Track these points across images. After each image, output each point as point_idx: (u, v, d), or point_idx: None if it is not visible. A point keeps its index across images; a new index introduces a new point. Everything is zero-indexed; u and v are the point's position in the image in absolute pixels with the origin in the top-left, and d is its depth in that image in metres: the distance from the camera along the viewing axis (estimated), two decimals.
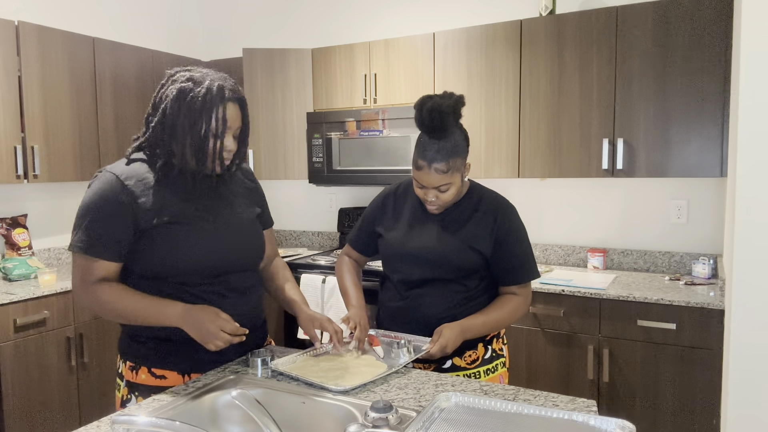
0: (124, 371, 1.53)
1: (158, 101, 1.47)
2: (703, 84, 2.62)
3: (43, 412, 2.74)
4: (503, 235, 1.70)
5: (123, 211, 1.42)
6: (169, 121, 1.43)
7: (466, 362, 1.73)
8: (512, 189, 3.43)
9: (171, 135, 1.44)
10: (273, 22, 4.16)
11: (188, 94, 1.42)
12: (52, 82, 3.04)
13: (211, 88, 1.42)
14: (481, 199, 1.75)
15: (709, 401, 2.45)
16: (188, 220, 1.48)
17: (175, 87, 1.43)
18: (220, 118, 1.43)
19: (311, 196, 4.15)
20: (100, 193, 1.43)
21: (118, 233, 1.43)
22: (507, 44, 3.03)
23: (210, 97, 1.42)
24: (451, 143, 1.60)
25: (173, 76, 1.48)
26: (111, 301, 1.43)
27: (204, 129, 1.42)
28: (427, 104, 1.58)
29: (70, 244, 1.45)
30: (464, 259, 1.69)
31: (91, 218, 1.42)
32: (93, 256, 1.42)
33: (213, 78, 1.45)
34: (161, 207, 1.45)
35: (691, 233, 3.02)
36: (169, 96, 1.43)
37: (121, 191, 1.43)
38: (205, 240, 1.49)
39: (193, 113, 1.41)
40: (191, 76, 1.45)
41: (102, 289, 1.43)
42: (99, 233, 1.42)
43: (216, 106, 1.42)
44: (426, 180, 1.63)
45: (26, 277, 3.01)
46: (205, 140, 1.43)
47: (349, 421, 1.24)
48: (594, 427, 1.15)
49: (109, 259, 1.44)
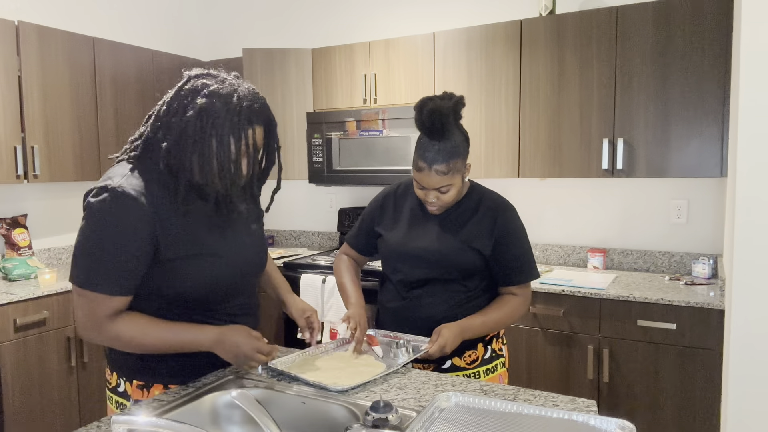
0: (130, 391, 1.43)
1: (173, 110, 1.30)
2: (703, 84, 2.62)
3: (43, 412, 2.74)
4: (503, 236, 1.70)
5: (140, 240, 1.26)
6: (190, 139, 1.27)
7: (466, 362, 1.73)
8: (512, 189, 3.43)
9: (191, 152, 1.28)
10: (273, 22, 4.16)
11: (213, 113, 1.26)
12: (52, 82, 3.04)
13: (240, 106, 1.28)
14: (481, 199, 1.75)
15: (709, 401, 2.45)
16: (214, 251, 1.37)
17: (199, 102, 1.26)
18: (250, 145, 1.30)
19: (311, 196, 4.15)
20: (112, 220, 1.24)
21: (134, 266, 1.27)
22: (507, 44, 3.03)
23: (237, 120, 1.27)
24: (452, 144, 1.60)
25: (194, 83, 1.30)
26: (137, 337, 1.30)
27: (229, 153, 1.28)
28: (428, 106, 1.58)
29: (74, 276, 1.27)
30: (464, 259, 1.69)
31: (101, 250, 1.24)
32: (104, 293, 1.25)
33: (241, 95, 1.29)
34: (182, 232, 1.32)
35: (691, 233, 3.02)
36: (190, 111, 1.27)
37: (139, 217, 1.25)
38: (226, 268, 1.40)
39: (218, 135, 1.26)
40: (217, 90, 1.28)
41: (121, 327, 1.29)
42: (111, 264, 1.25)
43: (245, 130, 1.29)
44: (426, 181, 1.62)
45: (26, 277, 3.01)
46: (229, 164, 1.29)
47: (349, 421, 1.24)
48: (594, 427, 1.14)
49: (121, 295, 1.28)
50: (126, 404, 1.45)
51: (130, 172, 1.31)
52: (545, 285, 2.76)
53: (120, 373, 1.45)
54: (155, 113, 1.35)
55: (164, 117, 1.31)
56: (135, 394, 1.43)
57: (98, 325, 1.28)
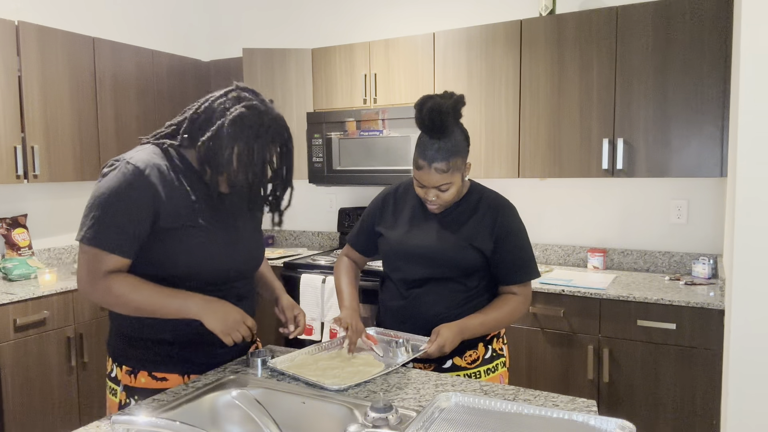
0: (119, 375, 1.50)
1: (211, 107, 1.43)
2: (703, 84, 2.62)
3: (43, 412, 2.74)
4: (503, 235, 1.70)
5: (143, 205, 1.38)
6: (224, 138, 1.39)
7: (467, 362, 1.73)
8: (512, 189, 3.43)
9: (225, 147, 1.40)
10: (273, 22, 4.16)
11: (247, 123, 1.39)
12: (52, 82, 3.04)
13: (272, 126, 1.42)
14: (481, 198, 1.75)
15: (709, 401, 2.45)
16: (210, 226, 1.46)
17: (238, 109, 1.40)
18: (266, 157, 1.42)
19: (311, 196, 4.15)
20: (120, 184, 1.37)
21: (135, 229, 1.38)
22: (507, 44, 3.03)
23: (270, 134, 1.41)
24: (452, 143, 1.60)
25: (240, 93, 1.45)
26: (126, 293, 1.38)
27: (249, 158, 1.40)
28: (428, 104, 1.58)
29: (80, 235, 1.38)
30: (464, 258, 1.69)
31: (108, 209, 1.36)
32: (105, 249, 1.36)
33: (272, 116, 1.44)
34: (185, 209, 1.43)
35: (691, 233, 3.02)
36: (232, 113, 1.40)
37: (144, 185, 1.38)
38: (222, 247, 1.48)
39: (246, 140, 1.39)
40: (256, 106, 1.42)
41: (114, 281, 1.38)
42: (114, 226, 1.36)
43: (266, 145, 1.42)
44: (426, 179, 1.63)
45: (26, 277, 3.01)
46: (246, 166, 1.41)
47: (349, 421, 1.24)
48: (594, 427, 1.14)
49: (121, 255, 1.38)
50: (116, 389, 1.51)
51: (142, 150, 1.45)
52: (545, 285, 2.76)
53: (113, 358, 1.52)
54: (196, 107, 1.47)
55: (205, 113, 1.44)
56: (124, 379, 1.49)
57: (93, 278, 1.38)
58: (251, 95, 1.45)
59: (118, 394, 1.51)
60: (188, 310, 1.40)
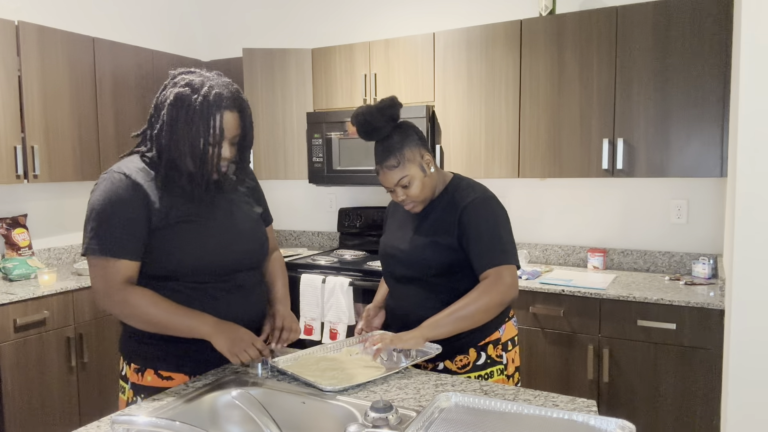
0: (128, 373, 1.53)
1: (159, 104, 1.47)
2: (703, 84, 2.62)
3: (43, 412, 2.74)
4: (465, 225, 1.66)
5: (137, 208, 1.42)
6: (168, 126, 1.43)
7: (457, 366, 1.71)
8: (512, 189, 3.43)
9: (169, 140, 1.44)
10: (273, 22, 4.16)
11: (185, 101, 1.41)
12: (52, 82, 3.04)
13: (207, 95, 1.41)
14: (455, 192, 1.74)
15: (709, 401, 2.45)
16: (198, 219, 1.49)
17: (174, 91, 1.43)
18: (216, 127, 1.43)
19: (311, 196, 4.15)
20: (113, 193, 1.42)
21: (135, 230, 1.42)
22: (507, 44, 3.03)
23: (207, 105, 1.41)
24: (393, 140, 1.67)
25: (174, 78, 1.48)
26: (142, 306, 1.41)
27: (201, 137, 1.42)
28: (356, 113, 1.66)
29: (86, 248, 1.42)
30: (431, 256, 1.69)
31: (104, 217, 1.40)
32: (112, 256, 1.40)
33: (212, 84, 1.44)
34: (170, 206, 1.46)
35: (691, 233, 3.02)
36: (168, 100, 1.43)
37: (134, 189, 1.43)
38: (215, 238, 1.50)
39: (189, 121, 1.41)
40: (191, 81, 1.44)
41: (132, 294, 1.41)
42: (114, 232, 1.40)
43: (213, 115, 1.42)
44: (384, 180, 1.69)
45: (26, 277, 3.01)
46: (201, 148, 1.43)
47: (349, 421, 1.24)
48: (594, 427, 1.15)
49: (128, 258, 1.42)
50: (125, 387, 1.54)
51: (127, 160, 1.51)
52: (545, 285, 2.76)
53: (124, 356, 1.55)
54: (151, 112, 1.51)
55: (153, 111, 1.49)
56: (132, 377, 1.52)
57: (110, 289, 1.41)
58: (188, 75, 1.47)
59: (127, 391, 1.53)
60: (200, 330, 1.43)
